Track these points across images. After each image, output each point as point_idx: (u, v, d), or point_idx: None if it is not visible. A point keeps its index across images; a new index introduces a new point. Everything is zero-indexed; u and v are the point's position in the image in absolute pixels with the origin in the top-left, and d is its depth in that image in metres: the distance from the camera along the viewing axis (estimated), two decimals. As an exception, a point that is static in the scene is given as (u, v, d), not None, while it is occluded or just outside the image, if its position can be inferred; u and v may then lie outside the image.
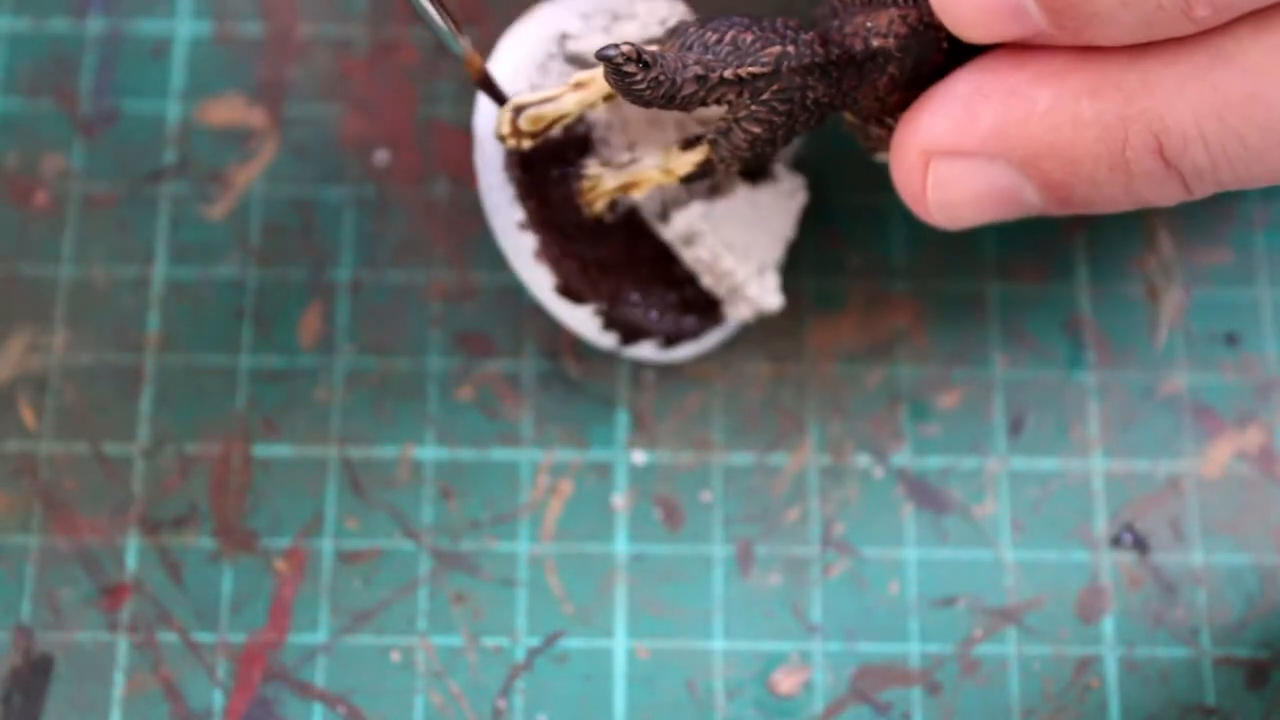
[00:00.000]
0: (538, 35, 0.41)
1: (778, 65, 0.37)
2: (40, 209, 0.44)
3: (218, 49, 0.46)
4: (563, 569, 0.42)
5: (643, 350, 0.43)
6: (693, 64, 0.37)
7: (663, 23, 0.41)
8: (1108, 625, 0.42)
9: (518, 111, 0.39)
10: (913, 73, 0.38)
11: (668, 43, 0.38)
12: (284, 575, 0.42)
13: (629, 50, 0.36)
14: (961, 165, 0.38)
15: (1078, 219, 0.45)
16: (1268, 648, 0.42)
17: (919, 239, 0.45)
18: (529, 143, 0.40)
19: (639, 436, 0.43)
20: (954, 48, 0.38)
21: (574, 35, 0.41)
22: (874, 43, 0.38)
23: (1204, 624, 0.42)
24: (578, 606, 0.42)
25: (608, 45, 0.36)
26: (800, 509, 0.43)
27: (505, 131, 0.40)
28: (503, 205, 0.41)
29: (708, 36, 0.38)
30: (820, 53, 0.38)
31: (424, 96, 0.46)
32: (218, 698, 0.41)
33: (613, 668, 0.41)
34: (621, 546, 0.42)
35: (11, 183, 0.45)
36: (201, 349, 0.44)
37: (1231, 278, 0.45)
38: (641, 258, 0.42)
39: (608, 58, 0.36)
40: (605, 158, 0.41)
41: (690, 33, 0.38)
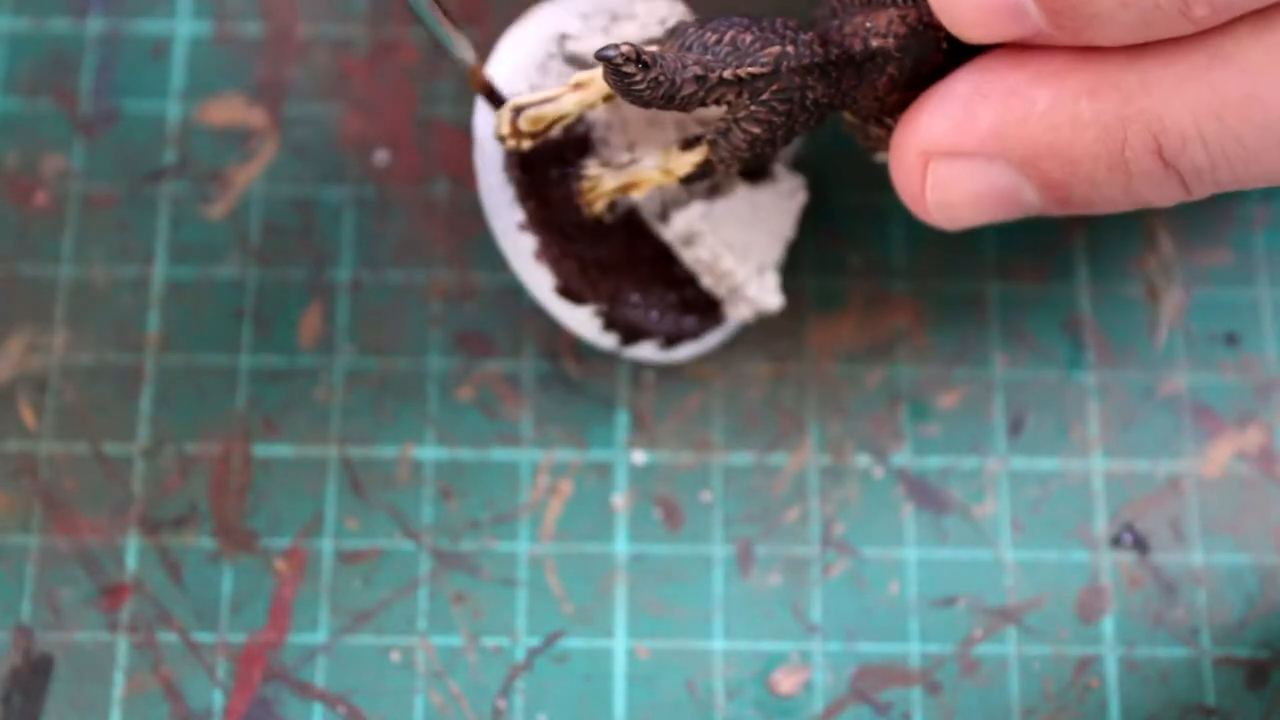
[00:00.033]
0: (537, 35, 0.41)
1: (777, 65, 0.37)
2: (40, 209, 0.44)
3: (218, 49, 0.46)
4: (563, 569, 0.42)
5: (643, 351, 0.43)
6: (692, 64, 0.37)
7: (662, 23, 0.41)
8: (1108, 625, 0.42)
9: (517, 112, 0.39)
10: (912, 73, 0.38)
11: (667, 43, 0.38)
12: (284, 575, 0.42)
13: (628, 50, 0.36)
14: (961, 165, 0.38)
15: (1077, 219, 0.45)
16: (1268, 648, 0.42)
17: (919, 239, 0.45)
18: (528, 143, 0.40)
19: (639, 436, 0.43)
20: (953, 48, 0.38)
21: (573, 36, 0.41)
22: (873, 43, 0.38)
23: (1204, 624, 0.42)
24: (578, 606, 0.42)
25: (607, 46, 0.36)
26: (800, 509, 0.43)
27: (505, 132, 0.40)
28: (502, 206, 0.41)
29: (707, 37, 0.38)
30: (819, 53, 0.38)
31: (424, 96, 0.46)
32: (218, 698, 0.41)
33: (613, 668, 0.41)
34: (621, 546, 0.42)
35: (11, 183, 0.45)
36: (201, 349, 0.44)
37: (1231, 278, 0.45)
38: (641, 258, 0.42)
39: (607, 58, 0.36)
40: (605, 158, 0.41)
41: (689, 33, 0.38)
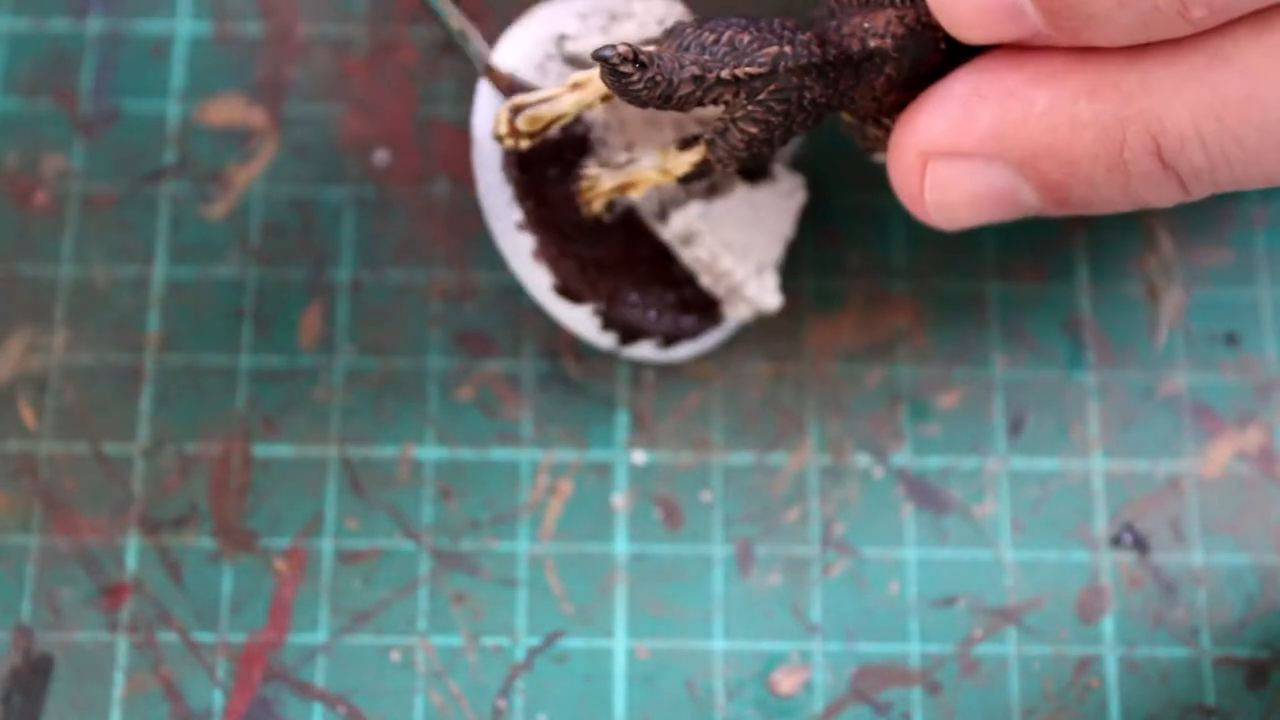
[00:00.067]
0: (536, 36, 0.41)
1: (775, 65, 0.37)
2: (40, 209, 0.44)
3: (218, 49, 0.46)
4: (563, 569, 0.42)
5: (642, 350, 0.43)
6: (689, 64, 0.37)
7: (660, 22, 0.41)
8: (1108, 625, 0.42)
9: (515, 112, 0.39)
10: (910, 73, 0.38)
11: (665, 43, 0.38)
12: (284, 575, 0.42)
13: (625, 50, 0.36)
14: (959, 166, 0.38)
15: (1077, 219, 0.45)
16: (1268, 648, 0.42)
17: (919, 239, 0.45)
18: (527, 143, 0.40)
19: (639, 436, 0.43)
20: (951, 48, 0.38)
21: (572, 36, 0.41)
22: (871, 43, 0.38)
23: (1204, 624, 0.42)
24: (578, 606, 0.42)
25: (604, 45, 0.36)
26: (800, 509, 0.43)
27: (503, 132, 0.40)
28: (501, 205, 0.41)
29: (705, 37, 0.38)
30: (817, 53, 0.38)
31: (424, 96, 0.46)
32: (218, 698, 0.41)
33: (613, 668, 0.41)
34: (621, 546, 0.42)
35: (11, 183, 0.45)
36: (201, 349, 0.44)
37: (1231, 278, 0.45)
38: (640, 258, 0.42)
39: (604, 58, 0.36)
40: (603, 158, 0.41)
41: (687, 33, 0.38)
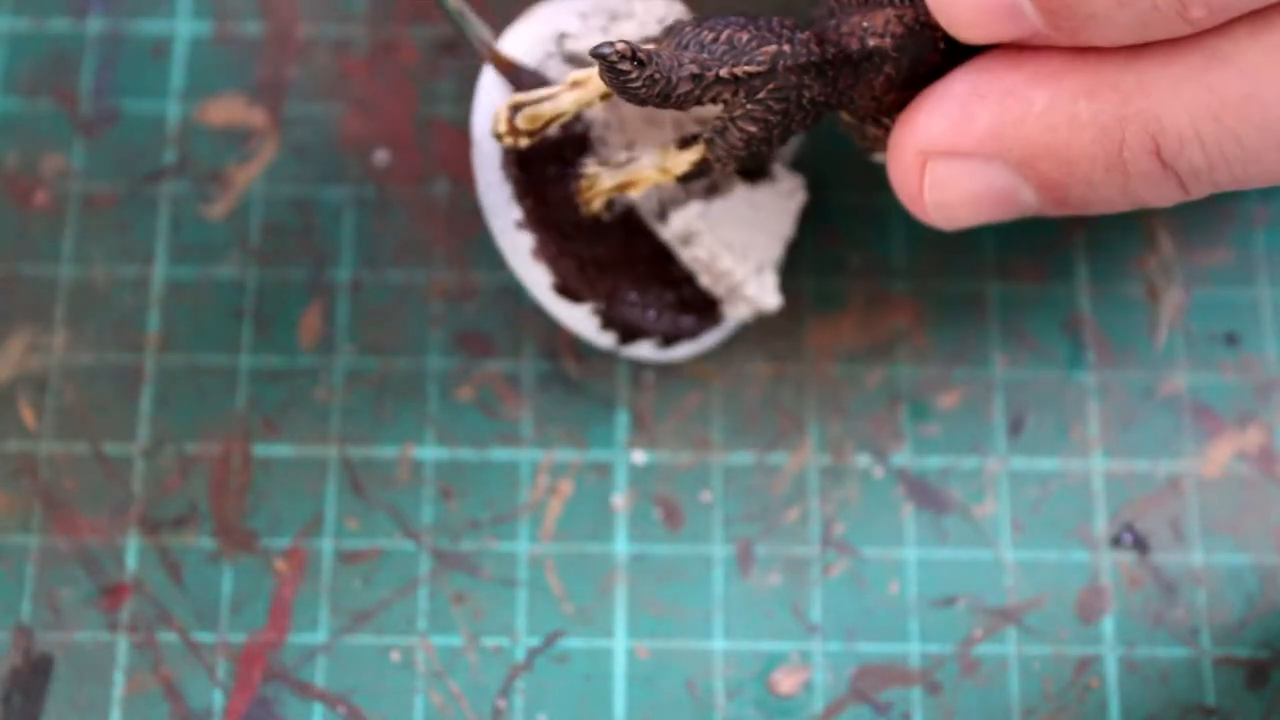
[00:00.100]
0: (536, 35, 0.41)
1: (774, 64, 0.37)
2: (40, 209, 0.45)
3: (218, 49, 0.46)
4: (563, 569, 0.42)
5: (641, 350, 0.43)
6: (688, 63, 0.37)
7: (661, 22, 0.41)
8: (1108, 625, 0.42)
9: (515, 110, 0.39)
10: (909, 73, 0.38)
11: (664, 41, 0.38)
12: (284, 575, 0.42)
13: (624, 48, 0.36)
14: (958, 166, 0.38)
15: (1077, 219, 0.45)
16: (1268, 648, 0.42)
17: (919, 239, 0.45)
18: (526, 141, 0.40)
19: (639, 436, 0.43)
20: (950, 48, 0.38)
21: (572, 35, 0.41)
22: (870, 42, 0.38)
23: (1204, 624, 0.42)
24: (578, 606, 0.42)
25: (603, 43, 0.36)
26: (800, 509, 0.43)
27: (502, 130, 0.40)
28: (500, 204, 0.41)
29: (704, 35, 0.38)
30: (816, 52, 0.38)
31: (424, 96, 0.46)
32: (218, 698, 0.41)
33: (613, 668, 0.41)
34: (621, 546, 0.42)
35: (11, 183, 0.45)
36: (201, 349, 0.44)
37: (1231, 278, 0.45)
38: (639, 257, 0.42)
39: (603, 56, 0.36)
40: (603, 157, 0.41)
41: (686, 31, 0.38)
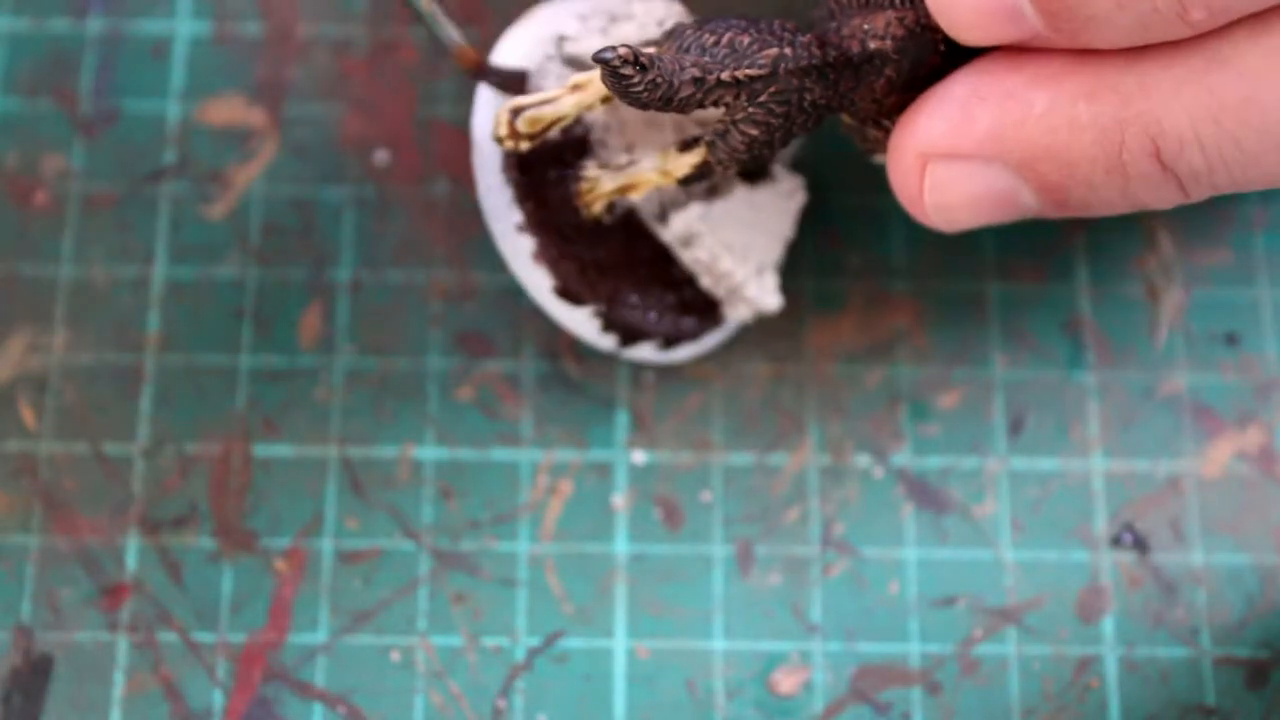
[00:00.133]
0: (536, 37, 0.41)
1: (775, 67, 0.37)
2: (40, 209, 0.45)
3: (218, 49, 0.46)
4: (563, 569, 0.42)
5: (642, 351, 0.43)
6: (690, 66, 0.37)
7: (660, 24, 0.41)
8: (1108, 625, 0.42)
9: (515, 113, 0.39)
10: (910, 75, 0.38)
11: (665, 45, 0.38)
12: (284, 575, 0.42)
13: (626, 53, 0.36)
14: (958, 168, 0.38)
15: (1077, 220, 0.45)
16: (1268, 648, 0.42)
17: (918, 239, 0.45)
18: (526, 145, 0.40)
19: (639, 437, 0.43)
20: (951, 50, 0.38)
21: (571, 37, 0.41)
22: (871, 45, 0.38)
23: (1204, 624, 0.42)
24: (578, 606, 0.42)
25: (604, 48, 0.36)
26: (800, 509, 0.43)
27: (502, 133, 0.40)
28: (501, 207, 0.41)
29: (705, 39, 0.38)
30: (817, 55, 0.38)
31: (424, 96, 0.46)
32: (218, 698, 0.41)
33: (613, 668, 0.41)
34: (621, 546, 0.42)
35: (11, 183, 0.45)
36: (201, 349, 0.44)
37: (1231, 278, 0.45)
38: (640, 259, 0.42)
39: (604, 60, 0.36)
40: (603, 159, 0.41)
41: (687, 35, 0.38)
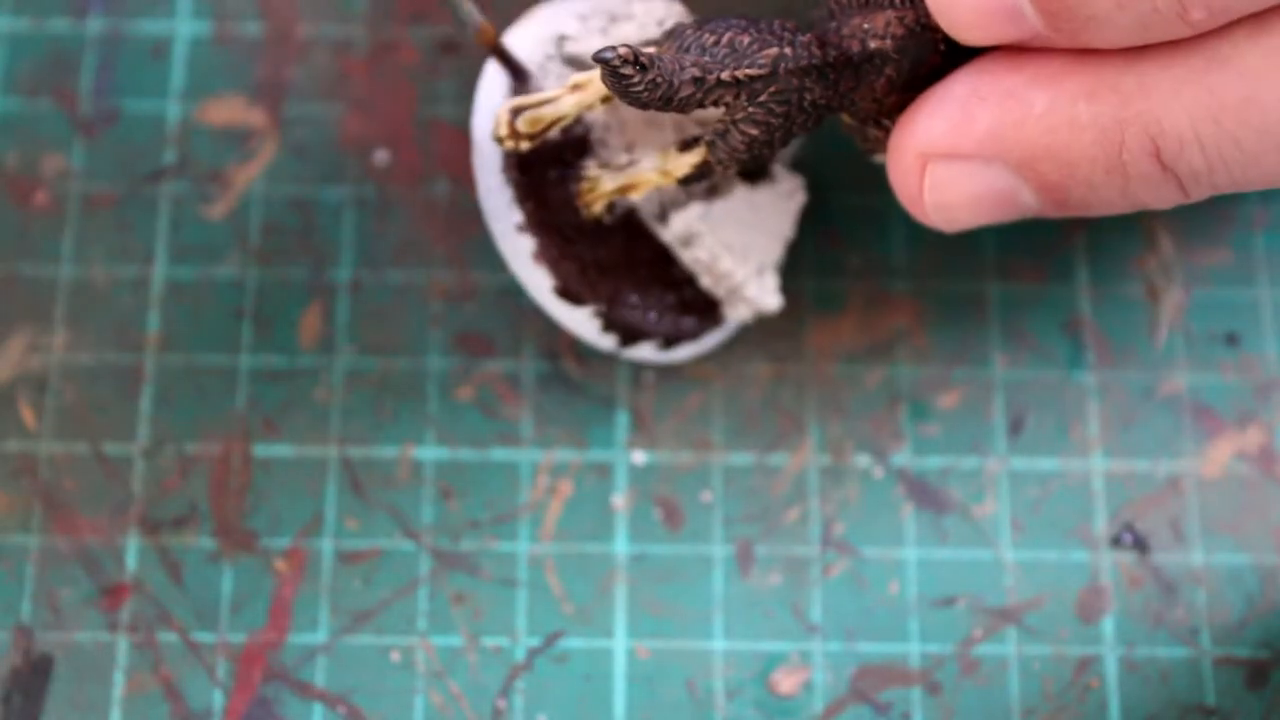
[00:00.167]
0: (536, 37, 0.41)
1: (775, 67, 0.37)
2: (40, 209, 0.45)
3: (218, 49, 0.46)
4: (563, 569, 0.42)
5: (642, 351, 0.43)
6: (690, 66, 0.37)
7: (660, 23, 0.41)
8: (1108, 625, 0.42)
9: (515, 113, 0.39)
10: (910, 74, 0.38)
11: (665, 45, 0.38)
12: (284, 575, 0.42)
13: (626, 53, 0.36)
14: (958, 167, 0.38)
15: (1078, 219, 0.45)
16: (1268, 648, 0.42)
17: (918, 239, 0.45)
18: (526, 145, 0.40)
19: (639, 437, 0.43)
20: (951, 50, 0.38)
21: (571, 37, 0.41)
22: (871, 44, 0.38)
23: (1204, 624, 0.42)
24: (578, 606, 0.42)
25: (605, 48, 0.36)
26: (800, 509, 0.43)
27: (503, 133, 0.40)
28: (501, 208, 0.41)
29: (705, 38, 0.38)
30: (817, 55, 0.38)
31: (424, 96, 0.46)
32: (218, 698, 0.41)
33: (613, 668, 0.41)
34: (621, 546, 0.42)
35: (11, 183, 0.45)
36: (201, 349, 0.44)
37: (1231, 278, 0.45)
38: (640, 259, 0.42)
39: (605, 60, 0.36)
40: (603, 159, 0.41)
41: (687, 35, 0.38)
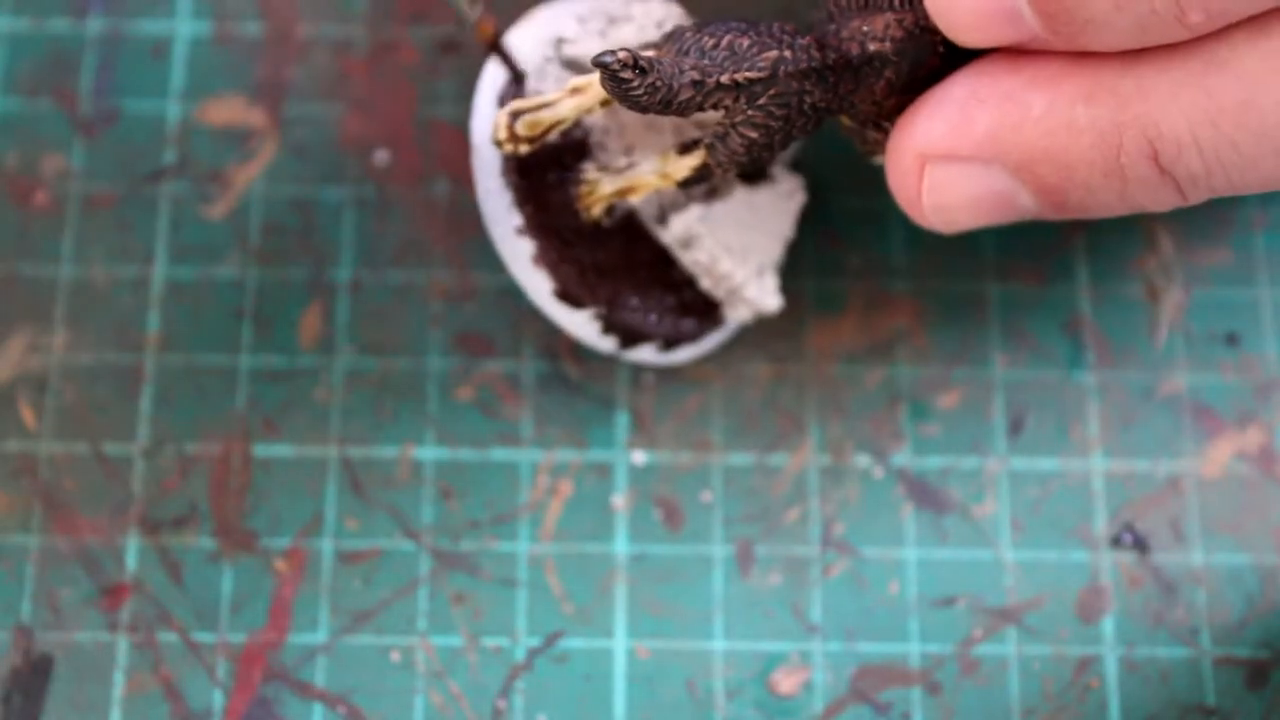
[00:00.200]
0: (535, 39, 0.41)
1: (774, 70, 0.37)
2: (40, 209, 0.45)
3: (218, 49, 0.46)
4: (563, 569, 0.42)
5: (642, 353, 0.43)
6: (689, 69, 0.37)
7: (659, 25, 0.41)
8: (1108, 625, 0.42)
9: (514, 117, 0.39)
10: (909, 77, 0.38)
11: (664, 48, 0.38)
12: (284, 575, 0.42)
13: (625, 56, 0.36)
14: (957, 169, 0.38)
15: (1077, 221, 0.45)
16: (1268, 648, 0.42)
17: (918, 240, 0.45)
18: (526, 148, 0.40)
19: (639, 437, 0.43)
20: (950, 52, 0.38)
21: (570, 39, 0.41)
22: (870, 47, 0.38)
23: (1204, 624, 0.42)
24: (578, 606, 0.42)
25: (604, 52, 0.36)
26: (800, 509, 0.43)
27: (502, 137, 0.40)
28: (500, 211, 0.41)
29: (704, 41, 0.37)
30: (817, 57, 0.38)
31: (424, 96, 0.46)
32: (218, 698, 0.41)
33: (613, 668, 0.41)
34: (621, 546, 0.42)
35: (11, 183, 0.45)
36: (201, 349, 0.44)
37: (1231, 278, 0.45)
38: (640, 261, 0.42)
39: (604, 64, 0.36)
40: (602, 162, 0.41)
41: (687, 38, 0.38)
